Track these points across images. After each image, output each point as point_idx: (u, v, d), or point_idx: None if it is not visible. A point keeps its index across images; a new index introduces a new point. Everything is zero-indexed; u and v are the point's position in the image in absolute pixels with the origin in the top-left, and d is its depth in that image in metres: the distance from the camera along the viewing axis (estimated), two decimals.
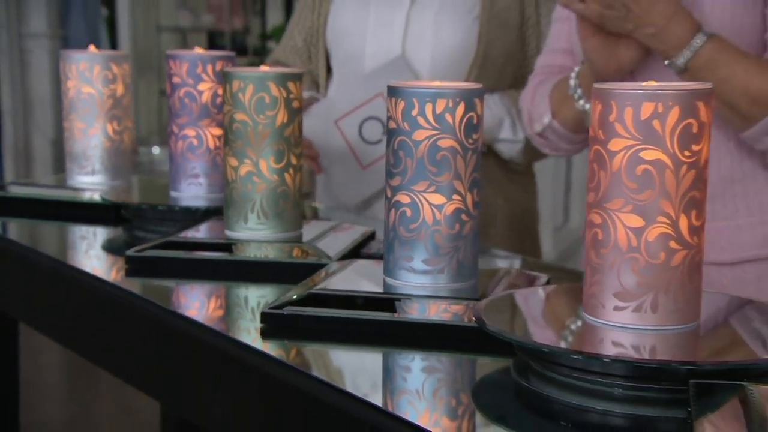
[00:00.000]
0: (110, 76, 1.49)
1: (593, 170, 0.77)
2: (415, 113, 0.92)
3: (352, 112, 1.67)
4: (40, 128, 5.12)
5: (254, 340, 0.90)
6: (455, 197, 0.94)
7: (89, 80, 1.49)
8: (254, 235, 1.15)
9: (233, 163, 1.15)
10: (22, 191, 1.52)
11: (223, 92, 1.16)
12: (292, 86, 1.14)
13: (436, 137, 0.92)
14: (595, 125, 0.77)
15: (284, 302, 0.93)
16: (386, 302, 0.93)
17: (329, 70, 1.78)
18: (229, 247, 1.14)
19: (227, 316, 1.02)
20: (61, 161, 1.56)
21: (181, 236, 1.17)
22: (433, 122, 0.92)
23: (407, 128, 0.93)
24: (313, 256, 1.12)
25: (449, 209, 0.94)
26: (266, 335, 0.91)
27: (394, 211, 0.95)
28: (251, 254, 1.12)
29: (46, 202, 1.47)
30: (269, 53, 2.28)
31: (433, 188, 0.93)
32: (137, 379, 1.09)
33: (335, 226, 1.25)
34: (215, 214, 1.27)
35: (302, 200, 1.21)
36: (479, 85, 0.95)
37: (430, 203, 0.93)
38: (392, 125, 0.94)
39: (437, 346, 0.87)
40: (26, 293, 1.30)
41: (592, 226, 0.78)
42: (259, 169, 1.14)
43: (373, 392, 0.80)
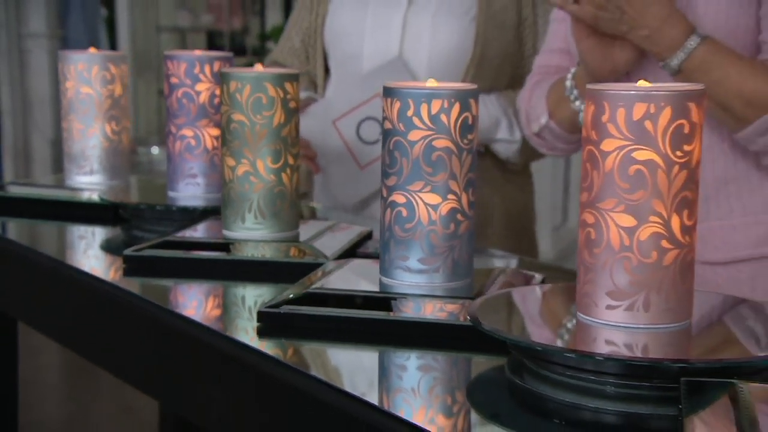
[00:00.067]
0: (108, 76, 1.50)
1: (586, 170, 0.78)
2: (410, 114, 0.93)
3: (349, 112, 1.67)
4: (39, 128, 5.12)
5: (251, 339, 0.91)
6: (450, 197, 0.94)
7: (87, 81, 1.49)
8: (251, 234, 1.16)
9: (230, 163, 1.15)
10: (20, 191, 1.53)
11: (220, 93, 1.17)
12: (288, 87, 1.14)
13: (431, 137, 0.93)
14: (588, 126, 0.77)
15: (281, 301, 0.94)
16: (382, 301, 0.93)
17: (327, 70, 1.78)
18: (226, 246, 1.14)
19: (225, 315, 1.02)
20: (60, 161, 1.56)
21: (178, 236, 1.18)
22: (428, 123, 0.92)
23: (402, 128, 0.93)
24: (309, 255, 1.12)
25: (444, 209, 0.94)
26: (263, 334, 0.92)
27: (389, 210, 0.96)
28: (248, 254, 1.13)
29: (44, 202, 1.47)
30: (268, 53, 2.29)
31: (428, 188, 0.94)
32: (135, 377, 1.09)
33: (332, 225, 1.26)
34: (213, 213, 1.28)
35: (299, 200, 1.21)
36: (474, 85, 0.95)
37: (425, 203, 0.94)
38: (388, 126, 0.95)
39: (432, 344, 0.88)
40: (25, 293, 1.30)
41: (585, 225, 0.78)
42: (256, 168, 1.14)
43: (369, 390, 0.81)
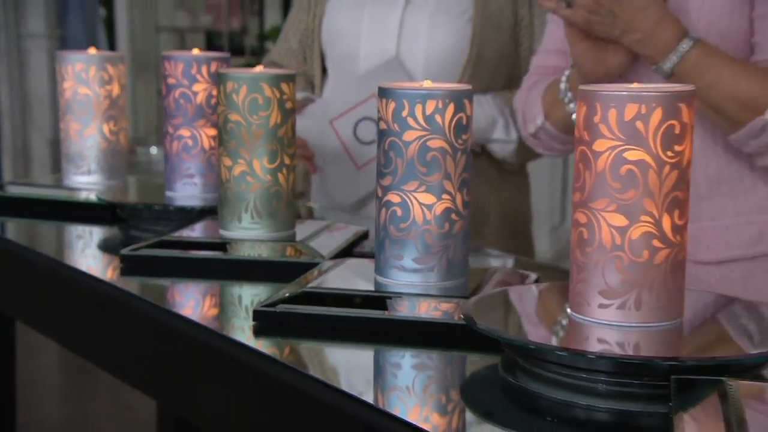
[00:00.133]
0: (106, 77, 1.50)
1: (579, 170, 0.78)
2: (405, 114, 0.93)
3: (346, 112, 1.68)
4: (38, 128, 5.13)
5: (248, 338, 0.91)
6: (445, 197, 0.95)
7: (85, 81, 1.50)
8: (248, 234, 1.16)
9: (227, 163, 1.16)
10: (19, 191, 1.53)
11: (217, 93, 1.17)
12: (285, 87, 1.15)
13: (426, 138, 0.93)
14: (580, 126, 0.78)
15: (277, 300, 0.94)
16: (377, 300, 0.94)
17: (324, 71, 1.79)
18: (223, 246, 1.15)
19: (221, 314, 1.03)
20: (59, 161, 1.57)
21: (175, 235, 1.18)
22: (423, 123, 0.93)
23: (397, 129, 0.94)
24: (306, 255, 1.13)
25: (439, 209, 0.95)
26: (259, 333, 0.92)
27: (384, 210, 0.96)
28: (245, 253, 1.13)
29: (42, 201, 1.48)
30: (267, 53, 2.29)
31: (423, 188, 0.94)
32: (133, 377, 1.09)
33: (329, 225, 1.27)
34: (210, 213, 1.28)
35: (296, 200, 1.22)
36: (468, 86, 0.96)
37: (420, 203, 0.94)
38: (383, 126, 0.95)
39: (427, 343, 0.88)
40: (23, 292, 1.31)
41: (577, 225, 0.79)
42: (252, 168, 1.15)
43: (364, 389, 0.81)
